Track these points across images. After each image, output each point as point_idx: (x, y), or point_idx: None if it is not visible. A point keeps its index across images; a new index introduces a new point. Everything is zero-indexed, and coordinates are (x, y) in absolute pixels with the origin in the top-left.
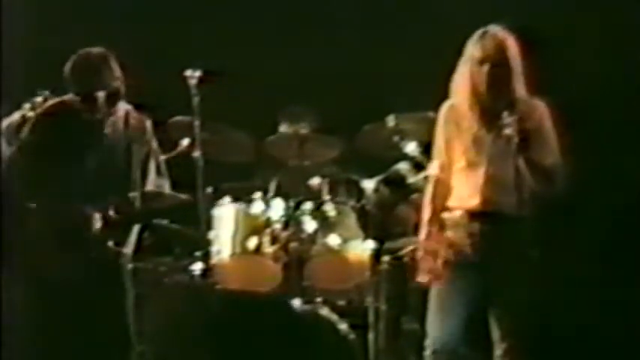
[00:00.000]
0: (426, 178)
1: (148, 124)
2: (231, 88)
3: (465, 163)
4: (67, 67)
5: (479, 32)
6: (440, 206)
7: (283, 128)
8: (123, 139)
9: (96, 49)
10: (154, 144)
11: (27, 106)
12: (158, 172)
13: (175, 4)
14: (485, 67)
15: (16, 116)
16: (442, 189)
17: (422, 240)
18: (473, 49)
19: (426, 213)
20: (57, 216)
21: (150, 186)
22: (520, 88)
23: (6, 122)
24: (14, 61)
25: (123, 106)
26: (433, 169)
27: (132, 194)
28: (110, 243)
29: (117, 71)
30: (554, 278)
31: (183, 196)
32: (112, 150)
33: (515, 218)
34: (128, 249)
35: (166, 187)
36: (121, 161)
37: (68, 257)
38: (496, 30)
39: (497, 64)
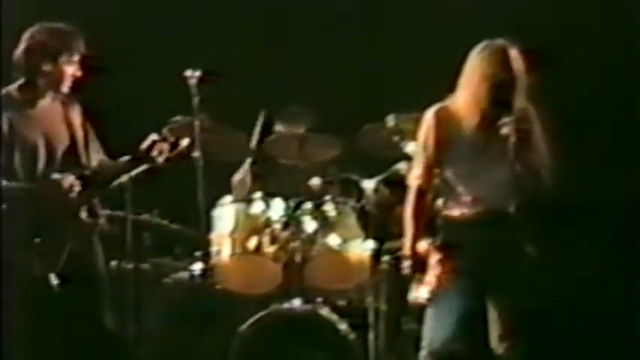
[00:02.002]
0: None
1: (78, 107)
2: (231, 88)
3: (464, 168)
4: (24, 45)
5: (489, 45)
6: (425, 217)
7: (282, 128)
8: (63, 123)
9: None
10: (88, 126)
11: None
12: (97, 150)
13: (175, 4)
14: (492, 85)
15: None
16: (425, 198)
17: (410, 257)
18: (482, 63)
19: (410, 229)
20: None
21: (94, 162)
22: (521, 101)
23: None
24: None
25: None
26: (413, 178)
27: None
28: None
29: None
30: (553, 279)
31: (124, 160)
32: (53, 134)
33: (514, 220)
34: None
35: (106, 160)
36: (65, 145)
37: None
38: (506, 45)
39: (504, 82)
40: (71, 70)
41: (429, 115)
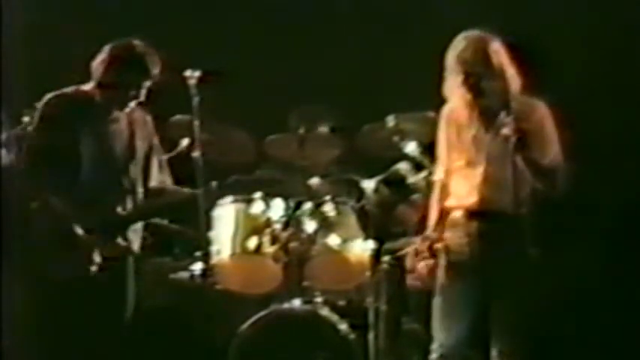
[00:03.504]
0: (426, 178)
1: (149, 119)
2: (231, 88)
3: (464, 162)
4: (102, 56)
5: (463, 36)
6: (445, 209)
7: (293, 129)
8: (126, 134)
9: (137, 42)
10: (155, 140)
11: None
12: (160, 168)
13: (175, 4)
14: (462, 71)
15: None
16: (445, 192)
17: (420, 240)
18: (448, 57)
19: (433, 215)
20: (59, 215)
21: (153, 182)
22: (514, 83)
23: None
24: (13, 71)
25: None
26: (439, 173)
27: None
28: (119, 240)
29: (157, 67)
30: (553, 277)
31: (187, 191)
32: (114, 146)
33: (513, 217)
34: (135, 246)
35: (169, 183)
36: (122, 157)
37: (69, 256)
38: (469, 34)
39: (473, 65)
40: (144, 91)
41: (441, 115)
